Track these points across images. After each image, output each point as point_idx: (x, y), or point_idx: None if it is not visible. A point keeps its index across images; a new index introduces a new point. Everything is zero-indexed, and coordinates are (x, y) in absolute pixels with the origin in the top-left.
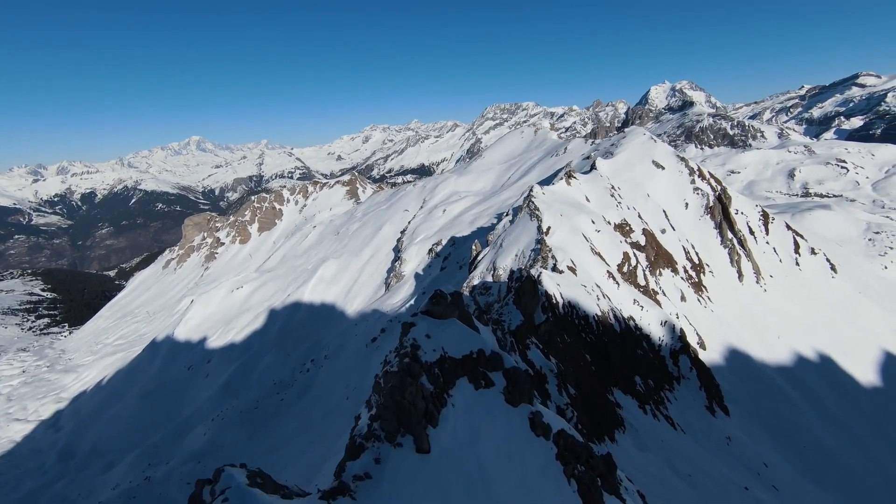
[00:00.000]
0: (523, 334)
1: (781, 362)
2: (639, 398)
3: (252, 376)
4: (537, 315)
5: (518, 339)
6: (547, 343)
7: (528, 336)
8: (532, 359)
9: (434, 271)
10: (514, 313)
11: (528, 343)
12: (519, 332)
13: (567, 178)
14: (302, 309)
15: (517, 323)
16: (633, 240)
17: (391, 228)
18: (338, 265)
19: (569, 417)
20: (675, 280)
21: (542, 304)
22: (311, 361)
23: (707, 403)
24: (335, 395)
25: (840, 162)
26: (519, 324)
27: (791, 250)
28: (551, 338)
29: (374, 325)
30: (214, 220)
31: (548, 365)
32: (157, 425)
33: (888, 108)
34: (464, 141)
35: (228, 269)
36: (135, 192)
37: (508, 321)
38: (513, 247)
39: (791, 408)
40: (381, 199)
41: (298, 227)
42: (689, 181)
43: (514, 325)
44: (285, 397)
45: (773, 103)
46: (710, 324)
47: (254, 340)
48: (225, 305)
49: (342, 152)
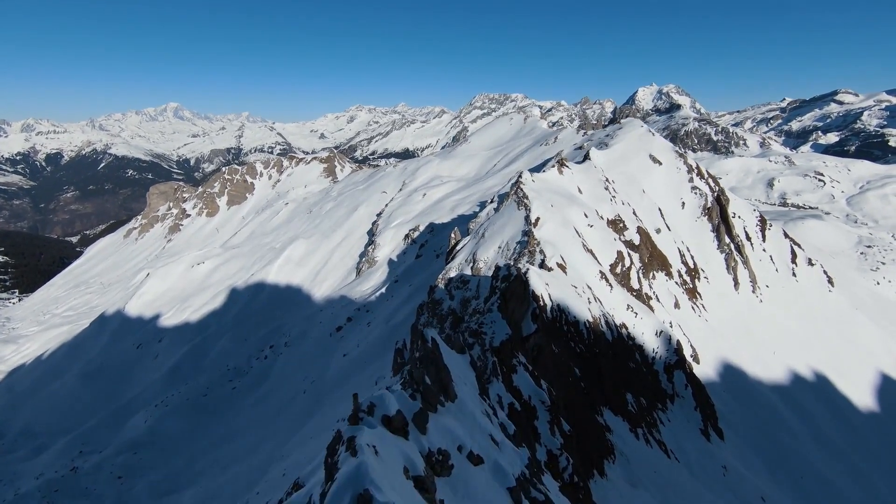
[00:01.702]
0: (509, 351)
1: (777, 380)
2: (630, 419)
3: (204, 360)
4: (525, 324)
5: (502, 358)
6: (536, 359)
7: (515, 353)
8: (519, 385)
9: (409, 258)
10: (497, 323)
11: (515, 364)
12: (503, 349)
13: (559, 165)
14: (265, 290)
15: (502, 337)
16: (627, 238)
17: (367, 210)
18: (307, 246)
19: (563, 466)
20: (669, 285)
21: (533, 311)
22: (270, 348)
23: (702, 426)
24: (292, 388)
25: (818, 175)
26: (504, 338)
27: (788, 259)
28: (541, 352)
29: (340, 312)
30: (182, 189)
31: (538, 394)
32: (96, 408)
33: (863, 127)
34: (450, 128)
35: (192, 242)
36: (104, 155)
37: (491, 334)
38: (496, 237)
39: (787, 433)
40: (358, 179)
41: (270, 203)
42: (686, 179)
43: (498, 338)
44: (238, 386)
45: (754, 113)
46: (704, 334)
47: (210, 321)
48: (183, 281)
49: (326, 130)
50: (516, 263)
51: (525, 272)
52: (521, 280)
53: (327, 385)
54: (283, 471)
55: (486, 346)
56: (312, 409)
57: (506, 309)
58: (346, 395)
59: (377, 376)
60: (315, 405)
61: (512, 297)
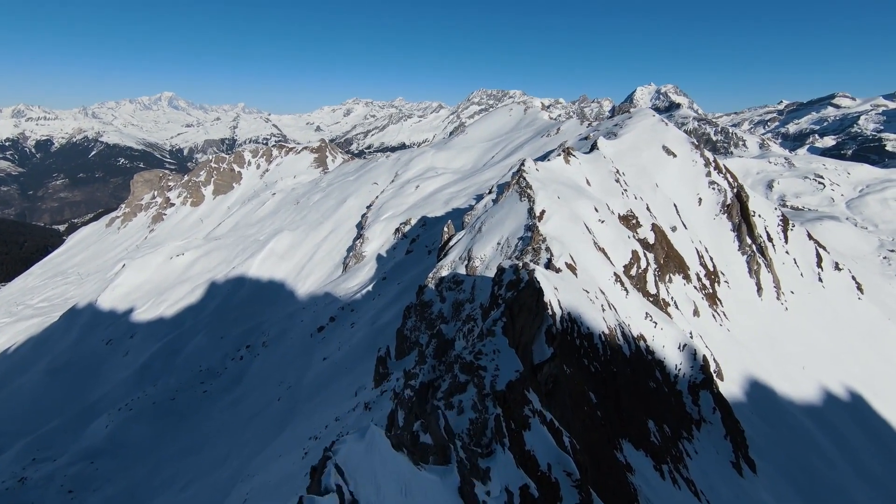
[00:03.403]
0: (519, 397)
1: (808, 400)
2: (654, 453)
3: (177, 359)
4: (538, 347)
5: (510, 408)
6: (551, 395)
7: (525, 389)
8: (534, 448)
9: (399, 254)
10: (503, 353)
11: (528, 415)
12: (512, 395)
13: (566, 154)
14: (246, 285)
15: (510, 375)
16: (641, 236)
17: (356, 202)
18: (293, 238)
19: None
20: (688, 289)
21: (548, 329)
22: (247, 348)
23: (733, 458)
24: (266, 394)
25: (818, 177)
26: (514, 378)
27: (813, 263)
28: (557, 385)
29: (323, 310)
30: (167, 178)
31: (560, 460)
32: (60, 408)
33: (860, 131)
34: (447, 123)
35: (175, 232)
36: (96, 143)
37: (493, 370)
38: (495, 232)
39: (823, 461)
40: (349, 170)
41: (257, 194)
42: (703, 173)
43: (504, 377)
44: (209, 389)
45: (752, 115)
46: (727, 346)
47: (186, 317)
48: (161, 273)
49: (322, 123)
50: (525, 266)
51: (531, 272)
52: (534, 288)
53: (303, 392)
54: (244, 496)
55: (486, 389)
56: (285, 420)
57: (512, 328)
58: (322, 405)
59: (357, 385)
60: (288, 415)
61: (521, 312)
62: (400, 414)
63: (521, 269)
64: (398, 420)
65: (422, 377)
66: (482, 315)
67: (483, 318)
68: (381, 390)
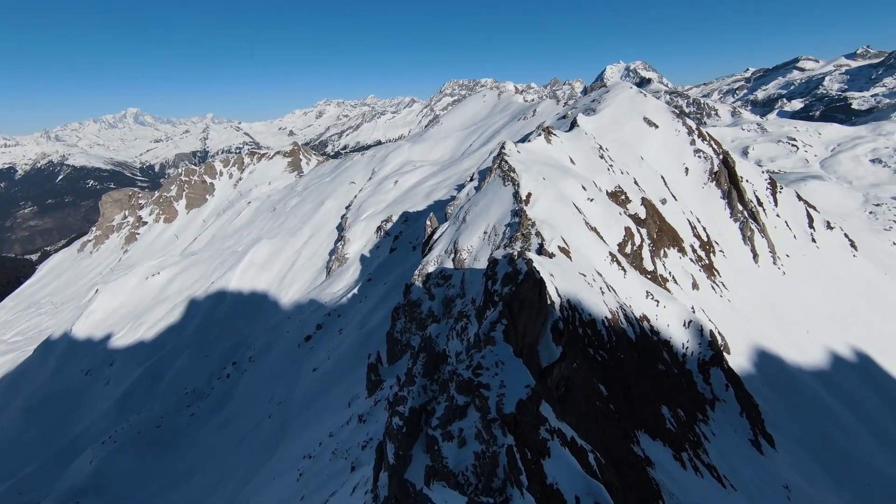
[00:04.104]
0: (533, 418)
1: (817, 365)
2: (671, 442)
3: (160, 384)
4: (544, 346)
5: (524, 433)
6: (563, 401)
7: (538, 405)
8: (556, 481)
9: (383, 253)
10: (508, 364)
11: (544, 435)
12: (524, 418)
13: (546, 134)
14: (227, 299)
15: (519, 393)
16: (632, 212)
17: (334, 203)
18: (272, 247)
19: None
20: (684, 262)
21: (554, 324)
22: (233, 365)
23: (752, 436)
24: (256, 412)
25: (790, 140)
26: (526, 396)
27: (805, 224)
28: (570, 389)
29: (309, 319)
30: (137, 196)
31: (589, 487)
32: (40, 447)
33: (825, 92)
34: (422, 117)
35: (151, 251)
36: (61, 167)
37: (498, 389)
38: (480, 221)
39: (840, 428)
40: (324, 171)
41: (232, 204)
42: (688, 142)
43: (511, 396)
44: (197, 412)
45: (720, 85)
46: (729, 318)
47: (167, 338)
48: (137, 295)
49: (294, 127)
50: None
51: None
52: (535, 280)
53: (294, 407)
54: None
55: (491, 412)
56: (277, 438)
57: (513, 330)
58: (315, 419)
59: (350, 396)
60: (280, 433)
61: (522, 309)
62: (389, 447)
63: (516, 260)
64: (388, 455)
65: (411, 402)
66: (476, 314)
67: (477, 318)
68: (374, 400)
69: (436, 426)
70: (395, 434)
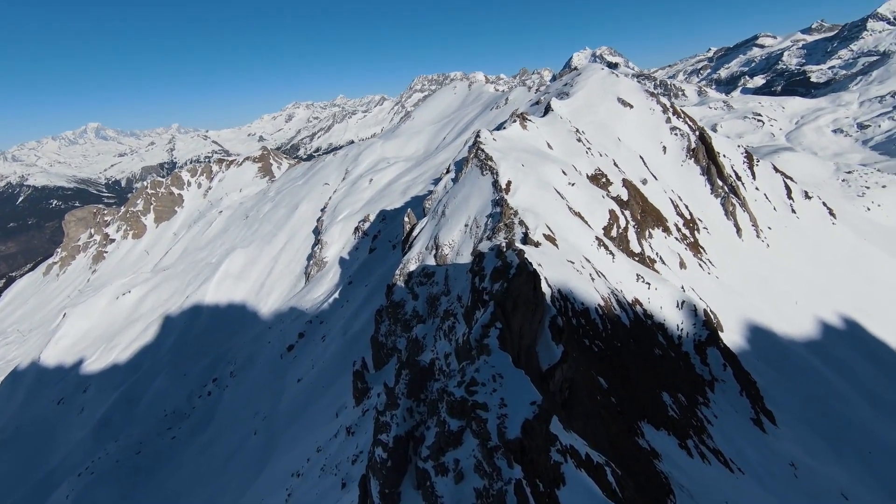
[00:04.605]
0: (542, 437)
1: (808, 336)
2: (675, 429)
3: (138, 407)
4: (544, 347)
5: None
6: (569, 404)
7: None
8: None
9: (362, 254)
10: (507, 376)
11: (556, 457)
12: (531, 442)
13: (521, 120)
14: (203, 313)
15: (524, 412)
16: (614, 194)
17: (309, 206)
18: (247, 255)
19: None
20: (670, 242)
21: (552, 321)
22: (213, 382)
23: (753, 415)
24: (240, 429)
25: (756, 115)
26: (530, 415)
27: (783, 195)
28: (575, 392)
29: (290, 327)
30: (102, 213)
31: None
32: (15, 483)
33: (785, 67)
34: (393, 115)
35: (120, 269)
36: (21, 188)
37: (498, 409)
38: (460, 213)
39: (836, 398)
40: (297, 174)
41: (203, 214)
42: (663, 120)
43: (515, 418)
44: (178, 434)
45: (684, 66)
46: (719, 295)
47: (143, 358)
48: (109, 316)
49: (264, 133)
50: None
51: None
52: (528, 272)
53: (280, 421)
54: None
55: (492, 439)
56: (264, 456)
57: (508, 333)
58: (302, 433)
59: (337, 405)
60: (267, 449)
61: (517, 308)
62: (373, 484)
63: (506, 252)
64: (372, 493)
65: (395, 429)
66: (464, 315)
67: (465, 319)
68: (362, 409)
69: (426, 457)
70: (379, 468)
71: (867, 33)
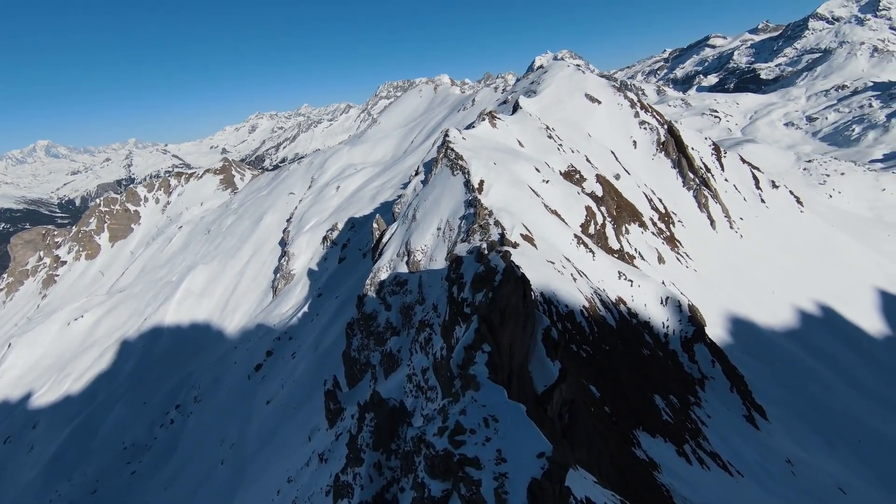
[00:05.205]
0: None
1: (788, 325)
2: (671, 436)
3: (93, 442)
4: (537, 365)
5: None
6: (571, 432)
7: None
8: None
9: (331, 264)
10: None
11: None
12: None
13: (490, 118)
14: (164, 335)
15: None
16: (588, 190)
17: (274, 217)
18: (209, 272)
19: None
20: (647, 237)
21: (545, 334)
22: (176, 408)
23: (745, 412)
24: (206, 459)
25: (713, 112)
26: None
27: (752, 186)
28: (577, 415)
29: (258, 346)
30: (52, 234)
31: None
32: None
33: (736, 65)
34: (360, 122)
35: (73, 293)
36: None
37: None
38: (432, 216)
39: (821, 386)
40: (261, 185)
41: (161, 231)
42: (631, 114)
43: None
44: (138, 469)
45: (642, 67)
46: (699, 289)
47: (99, 387)
48: (60, 344)
49: (227, 144)
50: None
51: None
52: (516, 278)
53: (249, 448)
54: None
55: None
56: (232, 487)
57: (498, 354)
58: (273, 459)
59: (309, 427)
60: (236, 479)
61: (506, 321)
62: None
63: (488, 255)
64: None
65: (360, 494)
66: (441, 333)
67: (444, 337)
68: (335, 433)
69: None
70: None
71: (809, 32)
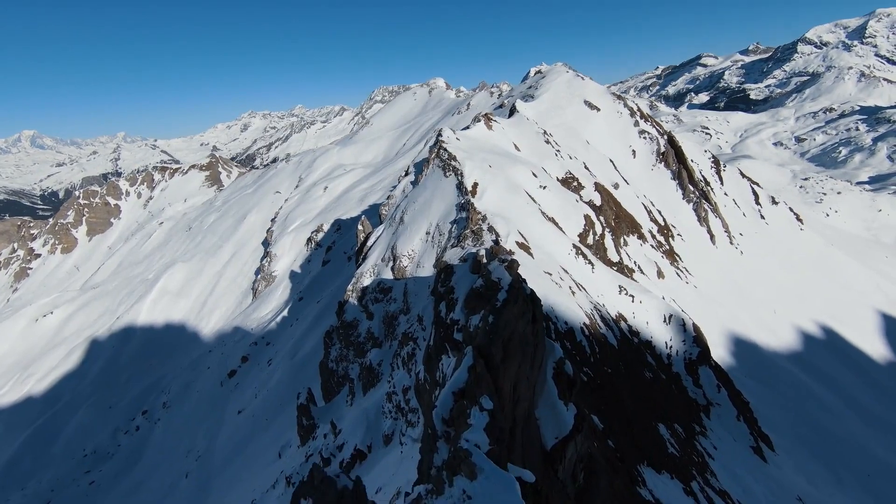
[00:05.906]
0: None
1: (790, 347)
2: (677, 472)
3: (53, 447)
4: (546, 410)
5: None
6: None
7: None
8: None
9: (315, 267)
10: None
11: None
12: None
13: (486, 120)
14: (136, 336)
15: None
16: (586, 198)
17: (258, 216)
18: (188, 270)
19: None
20: (645, 249)
21: (557, 365)
22: (143, 414)
23: (753, 443)
24: (171, 470)
25: (704, 129)
26: None
27: (751, 201)
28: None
29: (233, 350)
30: (27, 225)
31: None
32: None
33: (726, 85)
34: (353, 125)
35: (46, 288)
36: None
37: None
38: (421, 219)
39: (827, 413)
40: (246, 182)
41: (141, 226)
42: (631, 124)
43: None
44: (98, 478)
45: (635, 82)
46: (699, 305)
47: (63, 389)
48: (26, 341)
49: (217, 142)
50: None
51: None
52: (525, 296)
53: (216, 461)
54: None
55: None
56: (198, 501)
57: (500, 408)
58: (240, 475)
59: (281, 442)
60: (201, 495)
61: (510, 355)
62: None
63: (489, 264)
64: None
65: None
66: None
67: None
68: (306, 453)
69: None
70: None
71: (798, 55)
